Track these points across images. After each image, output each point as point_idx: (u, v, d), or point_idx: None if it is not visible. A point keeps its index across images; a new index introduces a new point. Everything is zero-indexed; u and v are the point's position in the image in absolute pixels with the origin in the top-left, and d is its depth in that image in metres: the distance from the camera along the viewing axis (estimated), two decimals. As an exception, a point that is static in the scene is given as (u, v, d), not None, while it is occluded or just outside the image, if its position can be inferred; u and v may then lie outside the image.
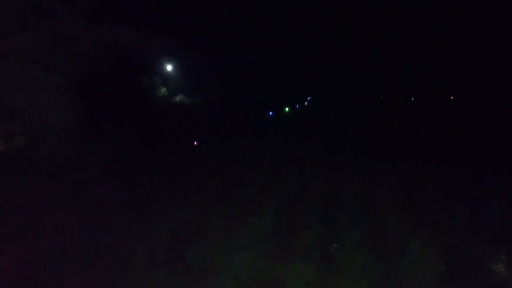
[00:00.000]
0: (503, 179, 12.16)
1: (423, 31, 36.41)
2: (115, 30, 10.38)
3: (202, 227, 9.74)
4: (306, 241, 9.07)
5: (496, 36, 31.10)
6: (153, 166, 13.06)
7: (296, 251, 8.84)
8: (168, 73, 15.07)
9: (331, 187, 12.83)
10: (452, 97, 39.76)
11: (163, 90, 15.20)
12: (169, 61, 14.74)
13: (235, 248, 8.74)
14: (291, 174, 14.19)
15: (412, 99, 39.93)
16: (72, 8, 9.30)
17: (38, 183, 9.05)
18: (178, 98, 16.03)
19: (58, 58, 9.65)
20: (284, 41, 28.08)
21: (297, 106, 32.55)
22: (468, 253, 8.46)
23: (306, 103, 34.96)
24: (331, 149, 18.70)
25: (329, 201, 11.64)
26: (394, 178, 13.21)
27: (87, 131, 10.47)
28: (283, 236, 9.59)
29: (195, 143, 16.42)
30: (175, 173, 13.40)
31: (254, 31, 22.32)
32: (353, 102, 37.59)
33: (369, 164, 15.35)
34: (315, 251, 8.75)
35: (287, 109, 29.05)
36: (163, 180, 12.68)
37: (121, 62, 11.46)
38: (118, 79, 11.57)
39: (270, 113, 25.34)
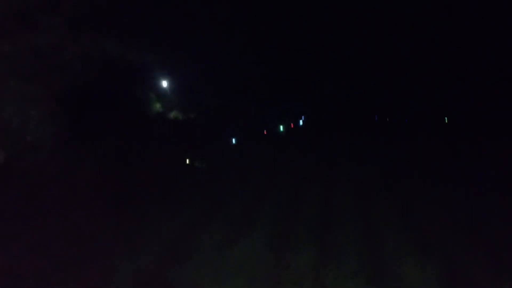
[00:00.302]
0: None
1: (420, 53, 36.66)
2: (105, 41, 10.07)
3: (189, 249, 9.16)
4: (299, 266, 8.46)
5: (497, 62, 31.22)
6: (140, 182, 12.62)
7: (289, 278, 8.15)
8: (161, 86, 14.78)
9: (326, 209, 12.43)
10: (446, 119, 39.70)
11: (156, 105, 14.88)
12: (162, 75, 14.46)
13: (224, 272, 8.15)
14: (284, 194, 13.81)
15: (407, 120, 39.86)
16: (58, 17, 8.99)
17: (14, 200, 8.56)
18: (170, 114, 15.70)
19: (43, 70, 9.29)
20: (282, 58, 28.08)
21: (292, 124, 32.34)
22: (473, 283, 8.01)
23: (301, 122, 34.76)
24: (327, 168, 18.34)
25: (324, 224, 11.23)
26: (394, 200, 12.81)
27: (71, 147, 10.04)
28: (275, 260, 9.15)
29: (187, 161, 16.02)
30: (162, 190, 12.93)
31: (252, 45, 22.23)
32: (350, 121, 37.47)
33: (366, 185, 14.97)
34: (309, 277, 8.09)
35: (281, 127, 28.80)
36: (149, 196, 12.21)
37: (110, 75, 11.12)
38: (108, 92, 11.21)
39: (264, 131, 25.04)
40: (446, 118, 38.03)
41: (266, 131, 25.57)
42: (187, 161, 16.44)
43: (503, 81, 30.86)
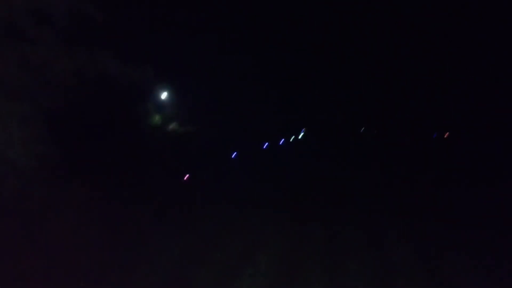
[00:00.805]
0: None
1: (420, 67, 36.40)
2: (99, 55, 9.37)
3: (187, 281, 8.48)
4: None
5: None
6: (137, 203, 11.83)
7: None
8: (158, 102, 14.13)
9: (332, 234, 11.64)
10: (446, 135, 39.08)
11: (153, 121, 14.20)
12: (159, 89, 13.80)
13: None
14: (288, 217, 13.00)
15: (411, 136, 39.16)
16: (49, 29, 8.28)
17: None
18: (167, 129, 15.01)
19: (32, 86, 8.56)
20: (281, 70, 27.66)
21: (292, 138, 31.72)
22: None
23: (301, 135, 34.14)
24: (332, 188, 17.58)
25: (331, 250, 10.45)
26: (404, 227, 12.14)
27: (62, 167, 9.27)
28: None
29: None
30: (159, 213, 12.09)
31: (251, 59, 21.78)
32: (352, 137, 36.85)
33: (373, 211, 14.13)
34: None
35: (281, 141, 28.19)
36: (145, 220, 11.38)
37: (105, 91, 10.40)
38: (102, 109, 10.50)
39: (265, 144, 24.38)
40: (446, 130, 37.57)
41: (266, 145, 24.97)
42: (186, 178, 15.73)
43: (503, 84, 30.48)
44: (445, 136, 34.64)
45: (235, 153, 20.58)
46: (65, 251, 8.38)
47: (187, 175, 14.56)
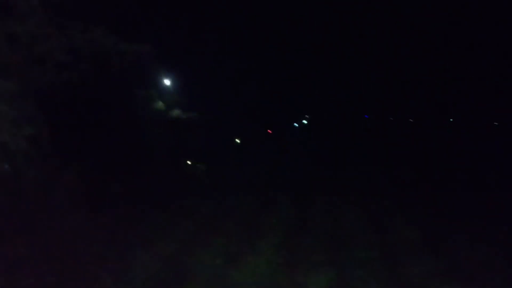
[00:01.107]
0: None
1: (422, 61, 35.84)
2: (94, 31, 8.76)
3: (189, 267, 8.01)
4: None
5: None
6: (135, 190, 11.42)
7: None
8: (158, 85, 13.61)
9: (337, 219, 11.25)
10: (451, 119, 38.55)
11: (152, 105, 13.71)
12: (160, 71, 13.26)
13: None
14: (292, 202, 12.67)
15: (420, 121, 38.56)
16: (42, 3, 7.69)
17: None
18: (169, 114, 14.51)
19: (21, 64, 7.99)
20: (284, 59, 27.24)
21: (296, 125, 31.33)
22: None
23: (304, 122, 33.67)
24: (335, 171, 17.25)
25: (336, 238, 10.05)
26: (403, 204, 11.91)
27: (55, 151, 8.76)
28: (283, 280, 8.01)
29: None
30: (159, 199, 11.68)
31: (256, 45, 21.30)
32: (354, 120, 36.44)
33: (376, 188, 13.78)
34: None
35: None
36: (145, 206, 10.98)
37: (100, 70, 9.82)
38: (97, 90, 9.94)
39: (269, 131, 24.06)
40: (451, 119, 37.09)
41: (270, 131, 24.63)
42: (188, 164, 15.35)
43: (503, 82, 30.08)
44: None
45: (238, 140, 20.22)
46: (60, 240, 8.00)
47: None
